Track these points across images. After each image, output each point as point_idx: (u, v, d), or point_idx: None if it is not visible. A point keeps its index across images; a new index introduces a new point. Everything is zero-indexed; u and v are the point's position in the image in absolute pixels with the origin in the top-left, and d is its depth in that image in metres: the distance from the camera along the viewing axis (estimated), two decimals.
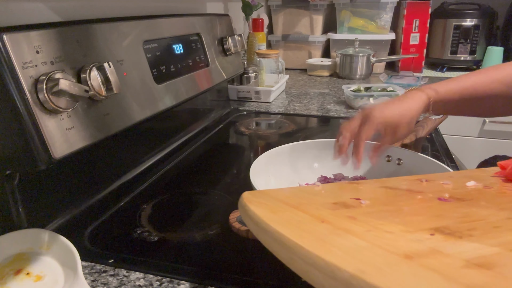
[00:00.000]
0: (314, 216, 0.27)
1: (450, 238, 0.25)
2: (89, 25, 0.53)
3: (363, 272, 0.20)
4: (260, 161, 0.56)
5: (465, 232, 0.25)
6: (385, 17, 1.63)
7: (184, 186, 0.66)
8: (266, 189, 0.36)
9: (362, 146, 0.54)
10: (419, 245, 0.23)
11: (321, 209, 0.29)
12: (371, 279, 0.19)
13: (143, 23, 0.65)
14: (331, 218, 0.27)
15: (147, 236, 0.51)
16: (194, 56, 0.81)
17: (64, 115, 0.46)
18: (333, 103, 1.18)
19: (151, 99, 0.64)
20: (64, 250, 0.44)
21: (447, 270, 0.21)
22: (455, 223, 0.27)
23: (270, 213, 0.28)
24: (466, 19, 1.62)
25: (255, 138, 0.92)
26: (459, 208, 0.31)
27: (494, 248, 0.23)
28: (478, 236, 0.25)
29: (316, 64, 1.62)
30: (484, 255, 0.22)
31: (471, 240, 0.24)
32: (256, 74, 1.19)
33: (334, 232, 0.25)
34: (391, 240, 0.24)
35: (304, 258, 0.22)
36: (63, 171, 0.54)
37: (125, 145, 0.68)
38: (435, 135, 0.87)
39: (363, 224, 0.26)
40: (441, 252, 0.23)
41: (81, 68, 0.49)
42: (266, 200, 0.32)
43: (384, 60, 1.60)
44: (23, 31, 0.42)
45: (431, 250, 0.23)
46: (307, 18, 1.69)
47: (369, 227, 0.26)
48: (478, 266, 0.21)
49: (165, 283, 0.42)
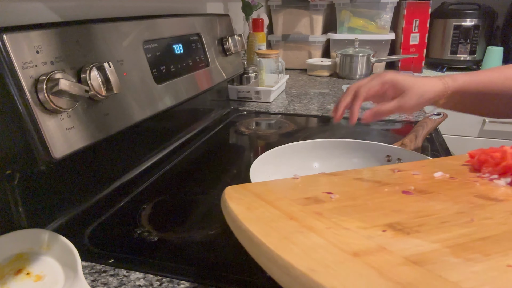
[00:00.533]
0: (284, 213, 0.30)
1: (398, 235, 0.26)
2: (89, 25, 0.53)
3: (313, 271, 0.22)
4: (260, 161, 0.56)
5: (414, 228, 0.27)
6: (385, 17, 1.63)
7: (184, 186, 0.66)
8: (248, 183, 0.38)
9: (360, 99, 0.51)
10: (369, 242, 0.25)
11: (293, 204, 0.32)
12: (319, 277, 0.21)
13: (143, 23, 0.65)
14: (299, 214, 0.30)
15: (147, 236, 0.51)
16: (194, 56, 0.81)
17: (64, 115, 0.46)
18: (333, 103, 1.18)
19: (151, 99, 0.64)
20: (64, 250, 0.44)
21: (385, 268, 0.22)
22: (408, 218, 0.29)
23: (246, 210, 0.30)
24: (466, 19, 1.62)
25: (255, 138, 0.92)
26: (418, 202, 0.33)
27: (434, 245, 0.25)
28: (424, 232, 0.27)
29: (316, 64, 1.62)
30: (422, 252, 0.24)
31: (416, 236, 0.26)
32: (256, 74, 1.19)
33: (299, 229, 0.27)
34: (346, 237, 0.26)
35: (267, 255, 0.25)
36: (63, 171, 0.54)
37: (125, 145, 0.68)
38: (435, 135, 0.87)
39: (325, 220, 0.29)
40: (386, 249, 0.24)
41: (81, 68, 0.49)
42: (245, 195, 0.34)
43: (384, 60, 1.60)
44: (23, 31, 0.42)
45: (378, 247, 0.25)
46: (307, 18, 1.69)
47: (330, 223, 0.28)
48: (413, 263, 0.23)
49: (165, 283, 0.42)
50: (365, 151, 0.61)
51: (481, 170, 0.41)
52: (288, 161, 0.62)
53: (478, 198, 0.34)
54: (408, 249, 0.24)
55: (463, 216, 0.30)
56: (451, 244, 0.25)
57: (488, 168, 0.40)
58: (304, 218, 0.29)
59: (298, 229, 0.27)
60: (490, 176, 0.39)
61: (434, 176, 0.40)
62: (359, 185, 0.38)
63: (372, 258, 0.23)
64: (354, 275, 0.22)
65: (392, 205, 0.32)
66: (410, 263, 0.23)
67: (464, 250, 0.24)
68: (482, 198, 0.34)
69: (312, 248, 0.25)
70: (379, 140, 0.56)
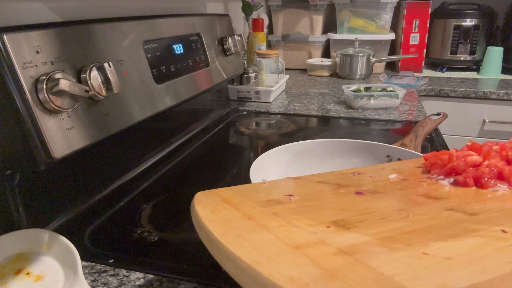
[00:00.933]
0: (245, 214, 0.32)
1: (339, 230, 0.29)
2: (89, 25, 0.53)
3: (257, 263, 0.24)
4: (260, 161, 0.56)
5: (355, 224, 0.30)
6: (385, 17, 1.63)
7: (184, 186, 0.66)
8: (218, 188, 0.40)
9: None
10: (311, 237, 0.28)
11: (254, 206, 0.34)
12: (261, 268, 0.24)
13: (143, 23, 0.65)
14: (258, 215, 0.32)
15: (147, 236, 0.51)
16: (194, 56, 0.81)
17: (64, 115, 0.46)
18: (333, 103, 1.18)
19: (151, 99, 0.64)
20: (64, 250, 0.44)
21: (319, 258, 0.25)
22: (352, 216, 0.32)
23: (210, 213, 0.33)
24: (466, 19, 1.62)
25: (255, 138, 0.92)
26: (366, 202, 0.36)
27: (367, 237, 0.27)
28: (363, 227, 0.29)
29: (316, 64, 1.62)
30: (354, 244, 0.27)
31: (354, 231, 0.29)
32: (256, 74, 1.19)
33: (254, 228, 0.29)
34: (293, 234, 0.28)
35: (221, 252, 0.27)
36: (63, 171, 0.54)
37: (125, 145, 0.68)
38: (435, 135, 0.87)
39: (280, 220, 0.31)
40: (324, 242, 0.27)
41: (81, 68, 0.49)
42: (213, 200, 0.36)
43: (384, 60, 1.60)
44: (23, 31, 0.43)
45: (317, 241, 0.27)
46: (307, 18, 1.69)
47: (283, 222, 0.30)
48: (344, 253, 0.25)
49: (165, 283, 0.42)
50: (365, 151, 0.61)
51: (431, 172, 0.44)
52: (288, 161, 0.62)
53: (420, 197, 0.36)
54: (343, 242, 0.27)
55: (401, 213, 0.32)
56: (382, 236, 0.28)
57: (436, 169, 0.43)
58: (261, 218, 0.31)
59: (254, 228, 0.29)
60: (437, 177, 0.42)
61: (388, 178, 0.43)
62: (319, 188, 0.40)
63: (310, 250, 0.26)
64: (290, 264, 0.24)
65: (341, 205, 0.35)
66: (341, 253, 0.25)
67: (391, 241, 0.27)
68: (424, 196, 0.37)
69: (260, 243, 0.27)
70: (379, 140, 0.56)
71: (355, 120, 1.02)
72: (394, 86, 1.13)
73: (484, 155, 0.41)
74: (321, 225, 0.30)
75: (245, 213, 0.32)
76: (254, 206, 0.34)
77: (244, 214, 0.32)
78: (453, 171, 0.41)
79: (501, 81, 1.54)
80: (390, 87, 1.13)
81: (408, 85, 1.42)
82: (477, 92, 1.40)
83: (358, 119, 1.02)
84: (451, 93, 1.43)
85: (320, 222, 0.30)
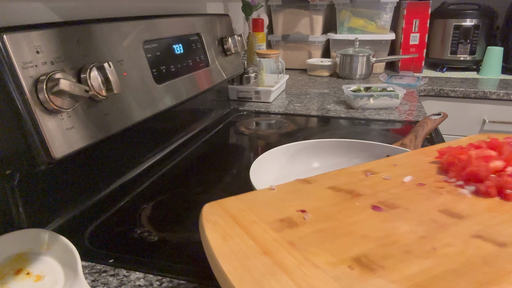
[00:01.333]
0: (259, 245, 0.30)
1: (364, 273, 0.27)
2: (89, 25, 0.53)
3: None
4: (260, 161, 0.56)
5: (379, 263, 0.28)
6: (385, 17, 1.63)
7: (184, 186, 0.66)
8: (225, 199, 0.39)
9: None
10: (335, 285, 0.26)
11: (267, 230, 0.32)
12: None
13: (143, 23, 0.65)
14: (273, 246, 0.30)
15: (147, 236, 0.51)
16: (194, 56, 0.81)
17: (64, 115, 0.46)
18: (333, 103, 1.18)
19: (151, 99, 0.64)
20: (64, 250, 0.44)
21: None
22: (375, 248, 0.30)
23: (221, 240, 0.31)
24: (466, 19, 1.62)
25: (255, 138, 0.92)
26: (386, 222, 0.34)
27: (393, 285, 0.26)
28: (388, 269, 0.27)
29: (316, 64, 1.62)
30: None
31: (380, 275, 0.27)
32: (256, 74, 1.19)
33: (272, 270, 0.27)
34: (314, 279, 0.26)
35: None
36: (63, 171, 0.54)
37: (125, 145, 0.68)
38: (435, 135, 0.87)
39: (297, 255, 0.29)
40: None
41: (81, 68, 0.49)
42: (222, 217, 0.34)
43: (384, 60, 1.60)
44: (23, 31, 0.43)
45: None
46: (307, 18, 1.69)
47: (301, 259, 0.29)
48: None
49: (165, 283, 0.42)
50: (365, 151, 0.61)
51: (448, 173, 0.41)
52: (288, 161, 0.62)
53: (442, 215, 0.34)
54: None
55: (425, 243, 0.30)
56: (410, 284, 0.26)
57: (454, 172, 0.41)
58: (277, 251, 0.30)
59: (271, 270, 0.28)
60: (456, 181, 0.40)
61: (403, 181, 0.41)
62: (332, 198, 0.39)
63: None
64: None
65: (361, 228, 0.33)
66: None
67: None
68: (446, 214, 0.34)
69: None
70: (379, 140, 0.56)
71: (355, 120, 1.02)
72: (394, 86, 1.13)
73: (507, 158, 0.38)
74: (343, 264, 0.28)
75: (259, 243, 0.31)
76: (267, 230, 0.32)
77: (258, 244, 0.30)
78: (473, 176, 0.38)
79: (501, 81, 1.54)
80: (390, 87, 1.13)
81: (408, 85, 1.42)
82: (477, 92, 1.40)
83: (358, 119, 1.02)
84: (451, 93, 1.43)
85: (341, 258, 0.29)
